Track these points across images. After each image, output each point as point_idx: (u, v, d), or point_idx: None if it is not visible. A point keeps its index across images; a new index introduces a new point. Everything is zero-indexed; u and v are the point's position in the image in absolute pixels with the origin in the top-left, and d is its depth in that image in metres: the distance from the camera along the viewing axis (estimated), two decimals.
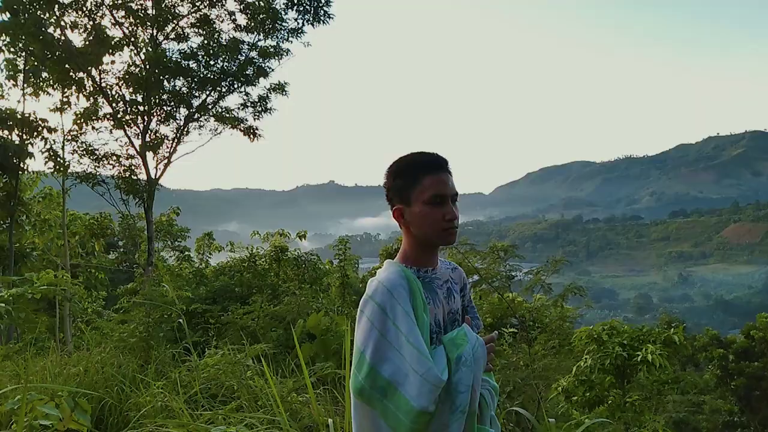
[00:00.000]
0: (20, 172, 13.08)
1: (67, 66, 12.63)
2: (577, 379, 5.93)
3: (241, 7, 13.46)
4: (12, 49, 12.41)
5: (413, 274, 1.71)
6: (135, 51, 13.32)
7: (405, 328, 1.58)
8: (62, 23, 12.53)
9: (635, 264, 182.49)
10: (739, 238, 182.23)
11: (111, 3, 12.84)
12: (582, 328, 6.42)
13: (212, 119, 14.18)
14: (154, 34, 13.41)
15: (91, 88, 13.15)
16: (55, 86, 13.07)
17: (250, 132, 14.18)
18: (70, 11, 12.53)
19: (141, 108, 13.38)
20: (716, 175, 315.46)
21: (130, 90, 13.26)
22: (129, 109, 13.37)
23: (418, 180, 1.72)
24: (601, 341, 5.99)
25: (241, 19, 13.57)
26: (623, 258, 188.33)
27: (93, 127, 13.33)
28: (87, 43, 12.64)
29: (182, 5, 13.44)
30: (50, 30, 12.32)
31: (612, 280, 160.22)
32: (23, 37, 11.88)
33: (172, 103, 13.65)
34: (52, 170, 13.39)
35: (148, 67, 13.05)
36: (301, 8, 13.30)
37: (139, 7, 13.13)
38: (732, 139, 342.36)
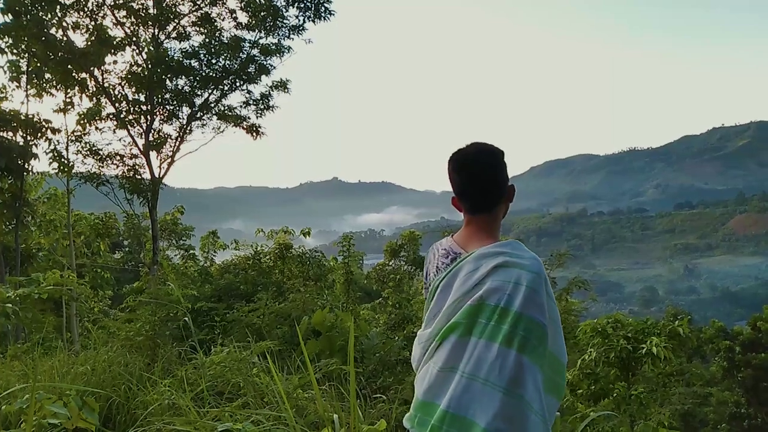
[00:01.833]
0: (25, 174, 13.13)
1: (69, 67, 12.66)
2: (581, 373, 5.94)
3: (242, 4, 13.46)
4: (15, 51, 12.44)
5: None
6: (137, 50, 13.35)
7: None
8: (64, 24, 12.56)
9: (640, 257, 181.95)
10: (745, 229, 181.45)
11: (112, 3, 12.86)
12: (587, 322, 6.43)
13: (215, 117, 14.21)
14: (156, 33, 13.43)
15: (94, 89, 13.19)
16: (58, 87, 13.11)
17: (253, 130, 14.20)
18: (71, 12, 12.56)
19: (144, 107, 13.41)
20: (721, 167, 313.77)
21: (133, 90, 13.30)
22: (132, 108, 13.40)
23: None
24: (605, 334, 6.00)
25: (242, 17, 13.59)
26: (628, 251, 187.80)
27: (96, 128, 13.38)
28: (89, 43, 12.67)
29: (183, 4, 13.45)
30: (52, 31, 12.35)
31: (617, 273, 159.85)
32: (26, 39, 11.92)
33: (175, 102, 13.67)
34: (57, 171, 13.44)
35: (150, 66, 13.07)
36: (302, 5, 13.30)
37: (141, 6, 13.14)
38: (737, 130, 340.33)
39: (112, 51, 12.91)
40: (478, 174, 1.87)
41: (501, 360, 1.63)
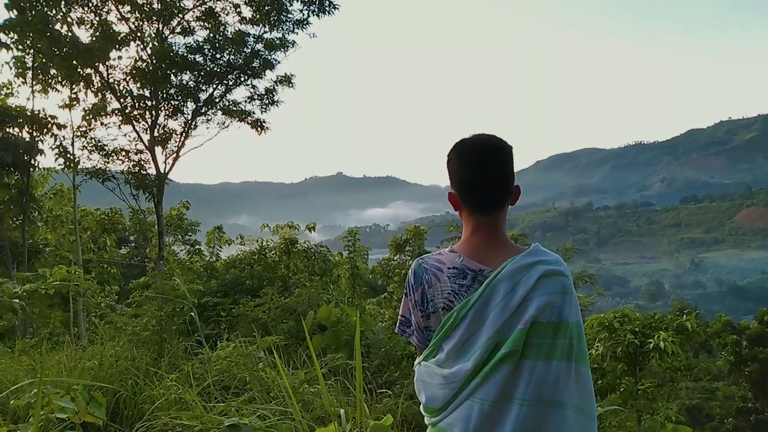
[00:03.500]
0: (31, 169, 13.19)
1: (74, 62, 12.69)
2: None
3: None
4: (20, 47, 12.48)
5: None
6: (141, 46, 13.36)
7: None
8: (69, 19, 12.59)
9: (646, 251, 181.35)
10: (751, 223, 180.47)
11: None
12: (593, 316, 6.41)
13: (219, 113, 14.22)
14: (160, 28, 13.43)
15: (99, 84, 13.22)
16: (63, 83, 13.15)
17: (258, 125, 14.20)
18: (76, 7, 12.59)
19: (149, 103, 13.43)
20: (728, 160, 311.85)
21: (138, 85, 13.32)
22: (137, 104, 13.43)
23: None
24: (612, 329, 5.98)
25: (247, 12, 13.58)
26: (634, 245, 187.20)
27: (102, 123, 13.43)
28: (93, 38, 12.69)
29: None
30: (57, 26, 12.37)
31: (623, 268, 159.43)
32: (31, 35, 11.94)
33: (180, 98, 13.69)
34: (63, 166, 13.50)
35: (154, 61, 13.08)
36: None
37: (145, 1, 13.14)
38: (744, 123, 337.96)
39: (117, 46, 12.93)
40: (490, 167, 1.66)
41: (564, 377, 1.53)
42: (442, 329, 1.63)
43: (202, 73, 13.60)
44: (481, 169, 1.66)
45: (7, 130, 12.84)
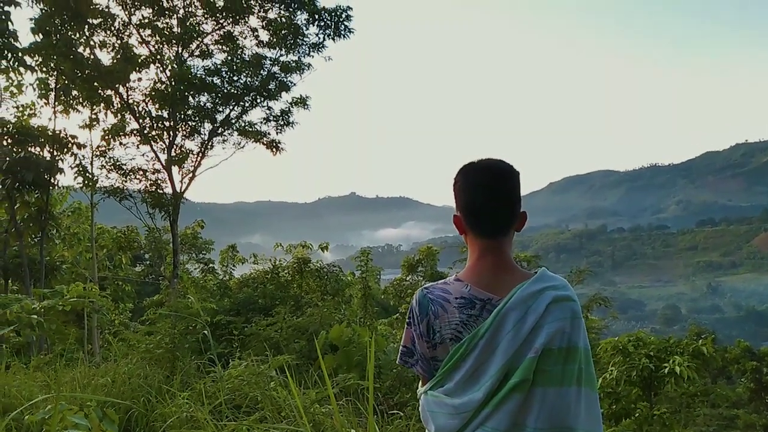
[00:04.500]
0: (51, 188, 13.43)
1: (95, 84, 13.00)
2: (602, 392, 5.83)
3: (264, 23, 13.73)
4: (44, 69, 12.81)
5: None
6: (161, 68, 13.66)
7: None
8: (91, 43, 12.93)
9: (662, 274, 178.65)
10: None
11: (138, 22, 13.21)
12: (608, 340, 6.33)
13: (236, 133, 14.44)
14: (179, 51, 13.74)
15: (119, 105, 13.51)
16: (84, 103, 13.46)
17: (273, 145, 14.38)
18: (99, 31, 12.93)
19: (167, 123, 13.68)
20: (745, 183, 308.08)
21: (156, 106, 13.59)
22: (155, 124, 13.68)
23: None
24: (627, 352, 5.90)
25: (264, 35, 13.87)
26: (650, 268, 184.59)
27: (120, 143, 13.69)
28: (115, 61, 13.01)
29: (206, 23, 13.77)
30: (80, 49, 12.71)
31: (638, 291, 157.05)
32: (54, 57, 12.27)
33: (197, 118, 13.93)
34: (81, 185, 13.75)
35: (173, 83, 13.36)
36: (322, 23, 13.52)
37: (165, 25, 13.47)
38: (761, 146, 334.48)
39: (137, 68, 13.24)
40: (497, 191, 1.65)
41: (575, 403, 1.53)
42: (451, 360, 1.61)
43: (219, 95, 13.85)
44: (488, 193, 1.65)
45: (29, 149, 13.14)
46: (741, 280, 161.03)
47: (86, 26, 12.65)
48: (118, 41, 13.08)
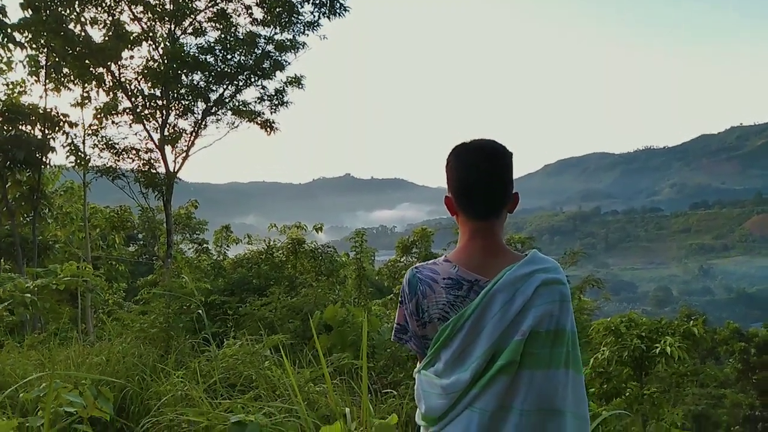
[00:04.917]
0: (43, 167, 13.33)
1: (87, 61, 12.82)
2: (594, 371, 5.91)
3: (258, 0, 13.51)
4: (34, 46, 12.62)
5: None
6: (153, 46, 13.47)
7: None
8: (82, 19, 12.71)
9: (655, 256, 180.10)
10: (762, 230, 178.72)
11: None
12: (600, 321, 6.39)
13: (229, 113, 14.31)
14: (172, 28, 13.54)
15: (111, 83, 13.34)
16: (75, 81, 13.29)
17: (267, 125, 14.27)
18: (90, 7, 12.71)
19: (159, 102, 13.54)
20: (740, 166, 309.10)
21: (149, 84, 13.43)
22: (148, 103, 13.54)
23: None
24: (619, 333, 5.97)
25: (258, 13, 13.66)
26: (643, 250, 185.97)
27: (113, 122, 13.56)
28: (106, 38, 12.81)
29: (200, 0, 13.55)
30: (71, 26, 12.50)
31: (631, 273, 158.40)
32: (45, 34, 12.07)
33: (190, 97, 13.79)
34: (74, 164, 13.64)
35: (166, 61, 13.18)
36: (317, 1, 13.33)
37: (157, 2, 13.25)
38: (756, 129, 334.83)
39: (129, 46, 13.05)
40: (489, 172, 1.62)
41: (562, 385, 1.54)
42: (439, 340, 1.61)
43: (212, 74, 13.69)
44: (480, 173, 1.63)
45: (20, 127, 13.00)
46: (732, 263, 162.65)
47: (77, 2, 12.43)
48: (110, 18, 12.86)
